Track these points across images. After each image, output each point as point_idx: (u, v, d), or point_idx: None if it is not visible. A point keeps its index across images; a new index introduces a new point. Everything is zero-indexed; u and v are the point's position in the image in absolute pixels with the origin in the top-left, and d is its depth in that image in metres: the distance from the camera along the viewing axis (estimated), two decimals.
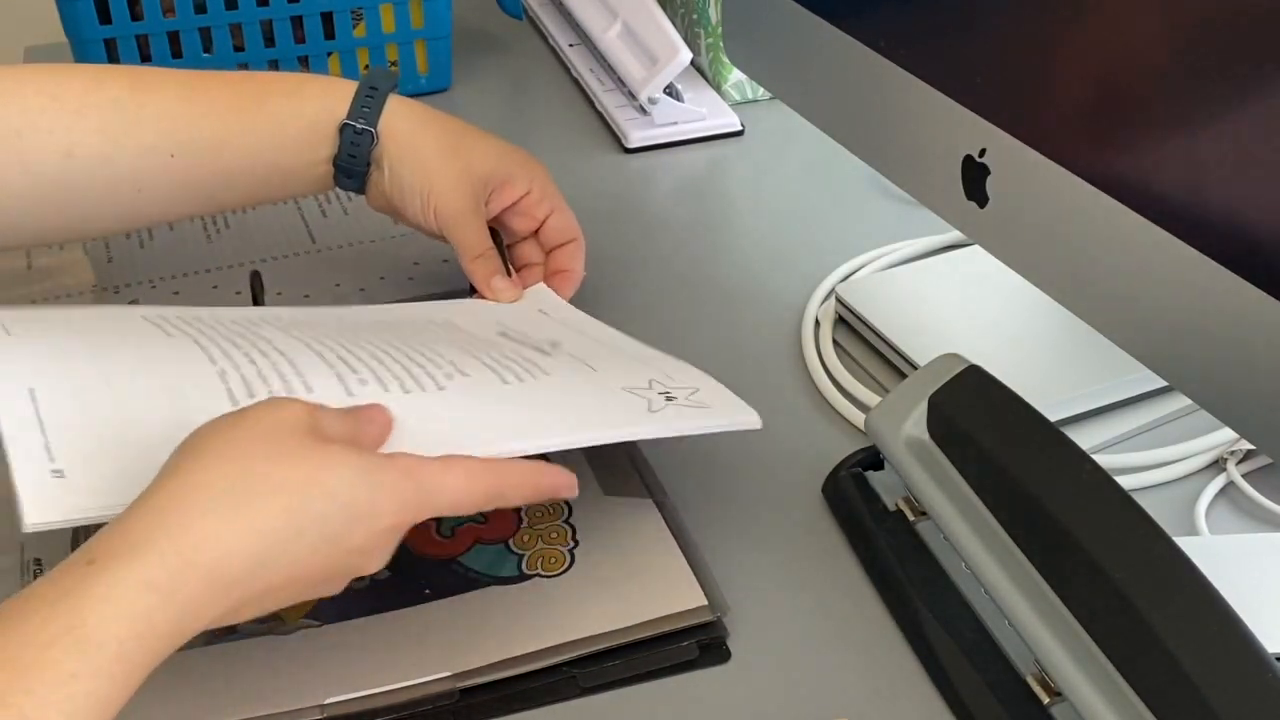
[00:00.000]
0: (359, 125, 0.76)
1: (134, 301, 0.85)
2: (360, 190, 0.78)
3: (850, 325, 0.82)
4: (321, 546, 0.53)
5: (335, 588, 0.55)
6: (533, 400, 0.63)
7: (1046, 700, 0.56)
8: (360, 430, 0.57)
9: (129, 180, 0.73)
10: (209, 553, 0.50)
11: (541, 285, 0.81)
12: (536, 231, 0.82)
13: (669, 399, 0.64)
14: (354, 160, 0.76)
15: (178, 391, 0.59)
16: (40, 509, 0.53)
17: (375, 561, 0.55)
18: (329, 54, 1.10)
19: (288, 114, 0.76)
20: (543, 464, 0.59)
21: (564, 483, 0.60)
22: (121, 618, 0.48)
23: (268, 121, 0.75)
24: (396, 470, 0.55)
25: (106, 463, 0.55)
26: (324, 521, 0.53)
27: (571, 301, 0.80)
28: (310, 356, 0.64)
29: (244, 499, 0.51)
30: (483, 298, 0.79)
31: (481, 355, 0.67)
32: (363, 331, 0.69)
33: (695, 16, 1.12)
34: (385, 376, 0.62)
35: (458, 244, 0.78)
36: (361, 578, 0.56)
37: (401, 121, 0.77)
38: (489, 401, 0.62)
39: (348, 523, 0.53)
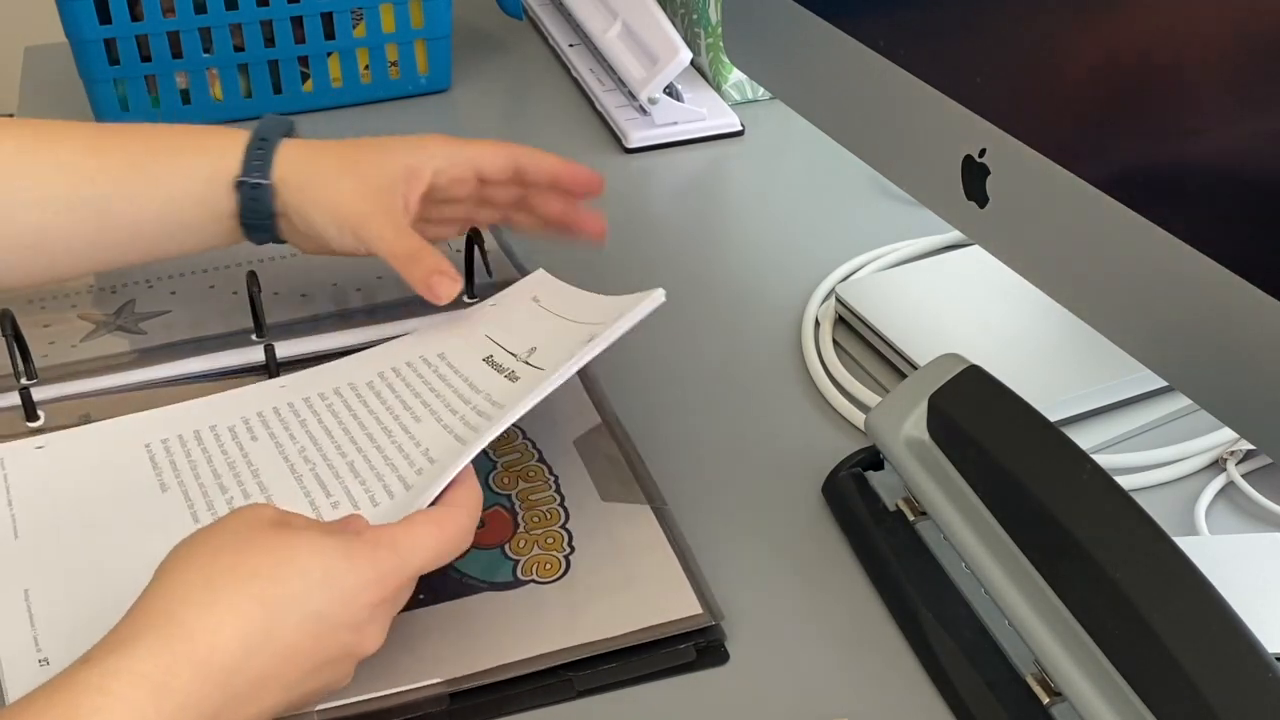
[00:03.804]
0: (253, 180, 0.75)
1: (132, 308, 0.85)
2: (278, 240, 0.78)
3: (850, 325, 0.82)
4: (307, 626, 0.54)
5: (341, 672, 0.56)
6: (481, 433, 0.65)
7: (1046, 700, 0.55)
8: (340, 522, 0.60)
9: (31, 234, 0.73)
10: (194, 645, 0.51)
11: (541, 272, 0.81)
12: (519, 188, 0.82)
13: (591, 339, 0.66)
14: (258, 215, 0.76)
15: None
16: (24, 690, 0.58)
17: (371, 639, 0.56)
18: (329, 54, 1.10)
19: (180, 171, 0.75)
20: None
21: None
22: (114, 708, 0.49)
23: (161, 178, 0.75)
24: (366, 542, 0.56)
25: (89, 645, 0.59)
26: (304, 600, 0.54)
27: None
28: (289, 485, 0.68)
29: (218, 592, 0.53)
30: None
31: (454, 424, 0.69)
32: (349, 418, 0.72)
33: (695, 16, 1.12)
34: (358, 494, 0.66)
35: (385, 253, 0.76)
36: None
37: (294, 167, 0.76)
38: (442, 463, 0.65)
39: (329, 599, 0.54)
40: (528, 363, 0.71)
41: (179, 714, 0.50)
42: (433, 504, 0.60)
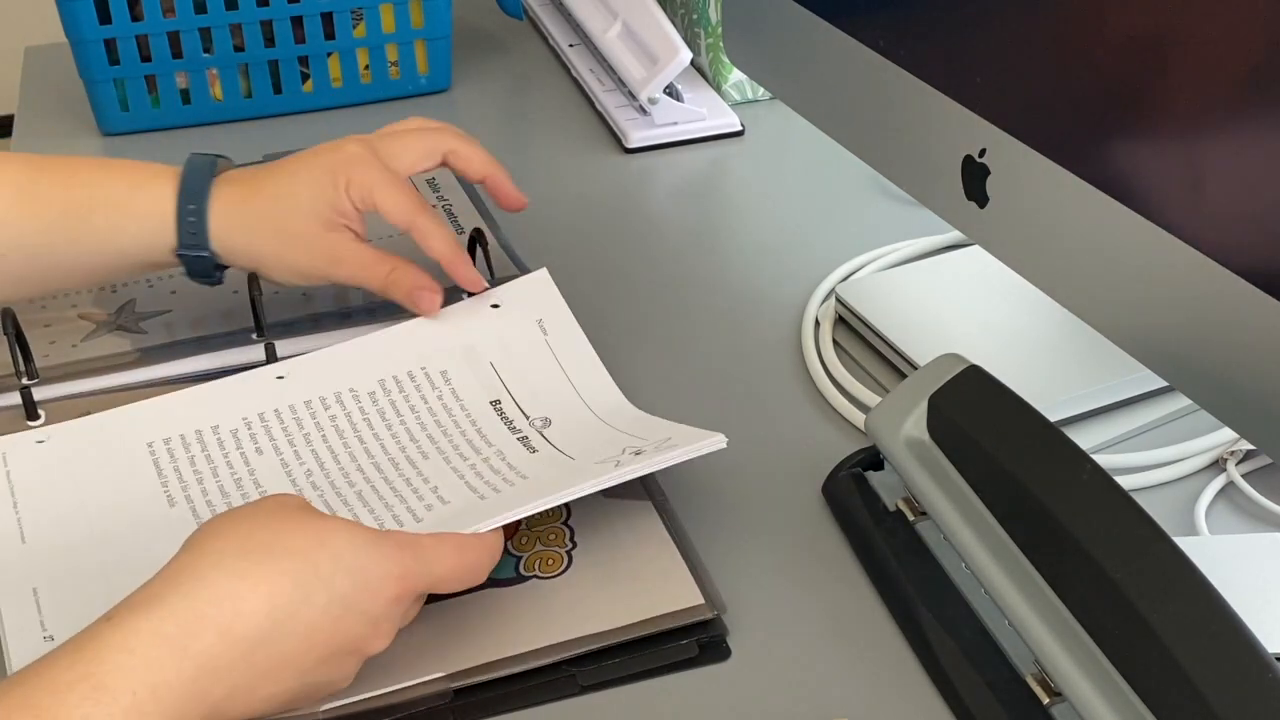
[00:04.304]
0: (193, 253, 0.76)
1: (133, 307, 0.85)
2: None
3: (850, 325, 0.82)
4: (331, 609, 0.54)
5: (347, 669, 0.57)
6: (508, 500, 0.65)
7: (1046, 700, 0.56)
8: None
9: None
10: (221, 610, 0.52)
11: (544, 274, 0.81)
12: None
13: (637, 454, 0.65)
14: (203, 273, 0.77)
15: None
16: (29, 658, 0.58)
17: (382, 637, 0.57)
18: (329, 54, 1.10)
19: (117, 234, 0.75)
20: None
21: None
22: (135, 668, 0.50)
23: (93, 238, 0.75)
24: (394, 540, 0.57)
25: None
26: (331, 584, 0.54)
27: (574, 306, 0.79)
28: None
29: (254, 562, 0.54)
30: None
31: (465, 471, 0.69)
32: (354, 441, 0.72)
33: (695, 16, 1.12)
34: (367, 521, 0.66)
35: (362, 287, 0.78)
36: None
37: (231, 231, 0.76)
38: (467, 511, 0.65)
39: (354, 587, 0.55)
40: (544, 435, 0.71)
41: (199, 676, 0.51)
42: None
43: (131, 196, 0.76)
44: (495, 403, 0.73)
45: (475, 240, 0.82)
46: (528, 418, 0.72)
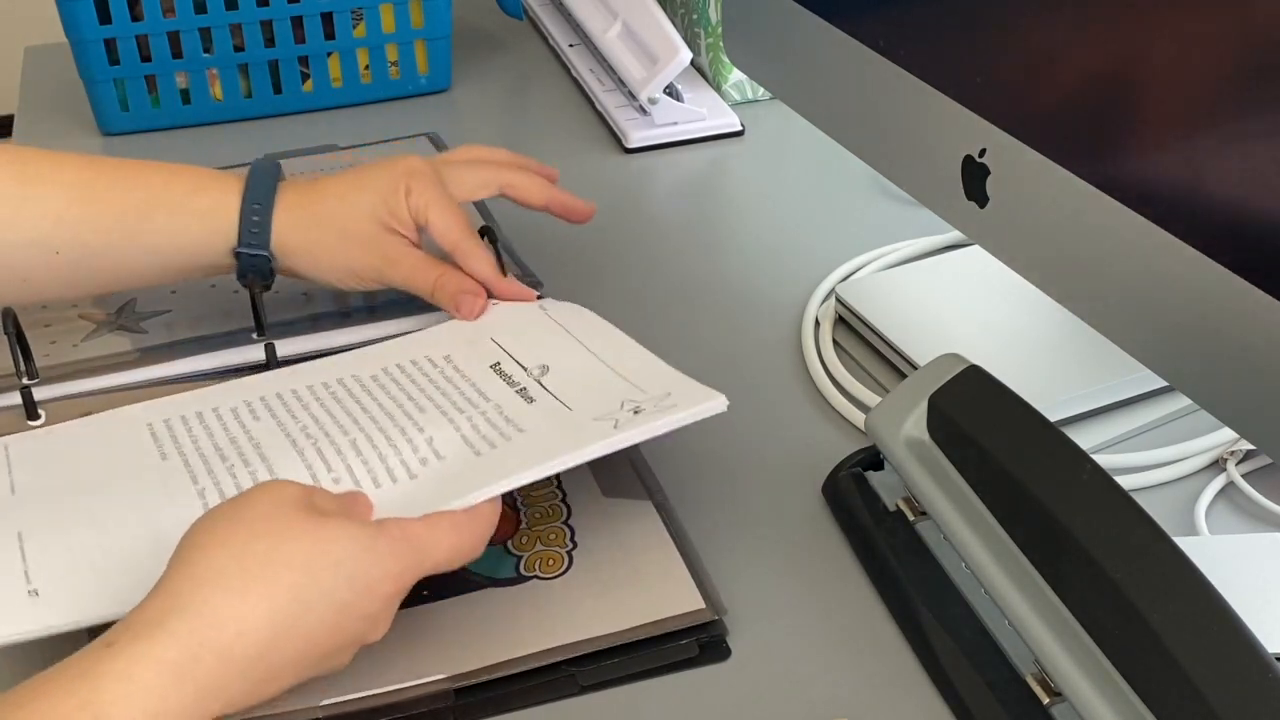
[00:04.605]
0: (253, 252, 0.77)
1: (133, 307, 0.85)
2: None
3: (850, 325, 0.82)
4: (330, 617, 0.54)
5: (345, 658, 0.57)
6: (504, 458, 0.65)
7: (1046, 700, 0.56)
8: (352, 502, 0.60)
9: (15, 271, 0.74)
10: (223, 632, 0.52)
11: (550, 301, 0.81)
12: None
13: (637, 412, 0.65)
14: (258, 274, 0.78)
15: (157, 521, 0.64)
16: (12, 623, 0.58)
17: (380, 628, 0.57)
18: (329, 54, 1.10)
19: (172, 234, 0.76)
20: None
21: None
22: (136, 695, 0.50)
23: (151, 239, 0.76)
24: (390, 536, 0.57)
25: (81, 584, 0.60)
26: (331, 593, 0.54)
27: (577, 301, 0.80)
28: (291, 457, 0.67)
29: (252, 579, 0.53)
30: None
31: (461, 424, 0.68)
32: (351, 404, 0.72)
33: (695, 16, 1.12)
34: (360, 473, 0.66)
35: (412, 291, 0.79)
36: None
37: (292, 234, 0.77)
38: (462, 472, 0.64)
39: (354, 592, 0.55)
40: (541, 383, 0.71)
41: (197, 698, 0.51)
42: None
43: (192, 196, 0.77)
44: (495, 365, 0.74)
45: (483, 235, 0.82)
46: (525, 369, 0.72)
